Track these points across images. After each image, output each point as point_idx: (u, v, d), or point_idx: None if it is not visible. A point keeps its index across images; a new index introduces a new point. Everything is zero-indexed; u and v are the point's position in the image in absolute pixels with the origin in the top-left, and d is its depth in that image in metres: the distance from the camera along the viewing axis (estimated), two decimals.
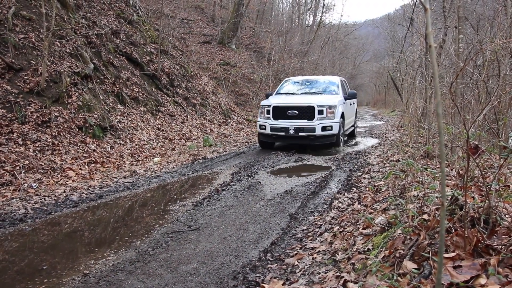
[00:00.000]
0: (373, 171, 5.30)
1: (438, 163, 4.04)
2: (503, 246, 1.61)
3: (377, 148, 8.07)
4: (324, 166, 6.17)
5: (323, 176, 5.33)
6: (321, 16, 33.44)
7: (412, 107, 6.73)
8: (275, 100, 8.22)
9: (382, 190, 3.76)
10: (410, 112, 6.74)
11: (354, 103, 10.68)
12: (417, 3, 14.15)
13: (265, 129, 8.06)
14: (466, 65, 3.47)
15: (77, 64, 7.39)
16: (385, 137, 10.18)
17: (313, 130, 7.61)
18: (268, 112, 8.08)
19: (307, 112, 7.71)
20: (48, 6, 7.33)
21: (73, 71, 7.11)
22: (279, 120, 7.90)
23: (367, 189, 4.21)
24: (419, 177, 2.90)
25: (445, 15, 9.67)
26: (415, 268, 1.69)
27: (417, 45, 11.50)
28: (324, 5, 33.61)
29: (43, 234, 3.44)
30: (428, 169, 3.03)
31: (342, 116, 8.15)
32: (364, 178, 4.97)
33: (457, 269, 1.55)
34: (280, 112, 7.94)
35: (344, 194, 4.25)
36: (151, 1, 15.09)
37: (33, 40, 6.72)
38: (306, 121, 7.68)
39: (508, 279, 1.42)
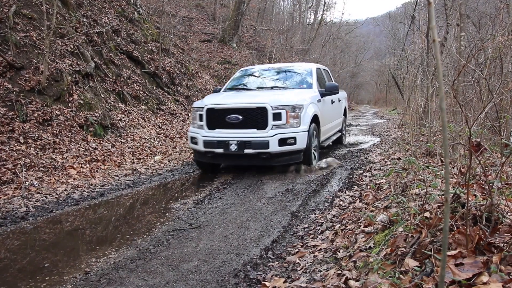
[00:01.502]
0: (374, 169, 5.30)
1: (439, 161, 4.03)
2: (505, 244, 1.60)
3: (378, 146, 8.05)
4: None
5: (324, 174, 5.33)
6: (322, 14, 33.36)
7: (414, 105, 6.72)
8: (211, 100, 5.66)
9: (384, 188, 3.75)
10: (412, 110, 6.73)
11: (341, 100, 8.26)
12: (418, 0, 14.12)
13: (197, 143, 5.44)
14: (468, 62, 3.46)
15: (78, 63, 7.39)
16: (387, 135, 10.17)
17: (266, 145, 5.03)
18: (200, 117, 5.49)
19: (256, 117, 5.16)
20: (49, 5, 7.33)
21: (74, 70, 7.11)
22: (216, 130, 5.32)
23: (368, 187, 4.21)
24: (421, 175, 2.89)
25: (446, 12, 9.64)
26: (417, 266, 1.69)
27: (419, 43, 11.48)
28: (325, 3, 33.51)
29: (44, 232, 3.44)
30: (430, 167, 3.02)
31: (316, 120, 5.80)
32: (366, 176, 4.97)
33: (459, 266, 1.55)
34: (217, 117, 5.35)
35: (345, 192, 4.24)
36: None
37: (34, 38, 6.72)
38: (255, 130, 5.13)
39: (511, 277, 1.42)
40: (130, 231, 3.32)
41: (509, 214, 1.85)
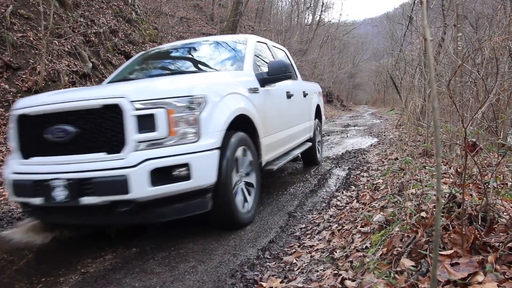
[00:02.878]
0: (371, 170, 5.30)
1: None
2: (500, 244, 1.61)
3: (376, 146, 8.07)
4: (323, 165, 6.16)
5: (322, 174, 5.33)
6: (320, 15, 33.45)
7: (411, 106, 6.74)
8: (33, 100, 2.93)
9: (381, 188, 3.76)
10: (409, 111, 6.75)
11: (308, 95, 5.51)
12: (416, 1, 14.16)
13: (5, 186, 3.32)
14: (464, 62, 3.47)
15: (76, 63, 7.38)
16: (384, 135, 10.19)
17: (122, 184, 2.44)
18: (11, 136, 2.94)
19: (102, 128, 2.58)
20: (46, 5, 7.31)
21: (72, 70, 7.10)
22: (33, 160, 2.76)
23: (365, 187, 4.21)
24: (418, 175, 2.90)
25: (444, 13, 9.68)
26: (412, 266, 1.69)
27: (416, 43, 11.51)
28: (323, 3, 33.60)
29: None
30: (427, 167, 3.03)
31: (247, 125, 3.33)
32: (363, 176, 4.97)
33: (454, 266, 1.55)
34: (33, 132, 2.78)
35: (342, 192, 4.25)
36: None
37: (31, 38, 6.71)
38: (102, 155, 2.54)
39: (506, 276, 1.42)
40: (127, 231, 3.31)
41: (504, 213, 1.85)
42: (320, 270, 2.23)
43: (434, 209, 2.03)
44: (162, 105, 2.54)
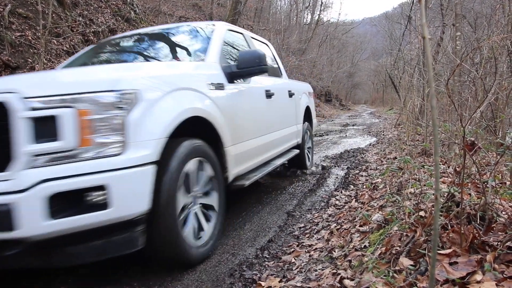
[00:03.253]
0: (370, 169, 5.31)
1: None
2: (499, 243, 1.61)
3: (374, 146, 8.07)
4: (321, 164, 6.16)
5: (320, 173, 5.33)
6: (319, 14, 33.49)
7: (410, 105, 6.75)
8: None
9: (379, 187, 3.76)
10: (408, 110, 6.76)
11: (294, 95, 4.87)
12: (414, 1, 14.18)
13: None
14: (462, 61, 3.48)
15: None
16: (383, 135, 10.20)
17: (4, 218, 1.64)
18: None
19: None
20: (45, 4, 7.29)
21: None
22: None
23: (364, 186, 4.22)
24: (416, 174, 2.90)
25: (442, 12, 9.68)
26: (411, 265, 1.69)
27: (415, 43, 11.52)
28: (322, 3, 33.64)
29: None
30: (425, 166, 3.03)
31: (210, 131, 2.66)
32: (362, 175, 4.98)
33: (453, 265, 1.56)
34: None
35: (341, 192, 4.25)
36: None
37: (30, 38, 6.69)
38: None
39: (504, 275, 1.42)
40: None
41: (503, 213, 1.85)
42: (319, 269, 2.23)
43: (433, 208, 2.03)
44: (70, 104, 1.80)
